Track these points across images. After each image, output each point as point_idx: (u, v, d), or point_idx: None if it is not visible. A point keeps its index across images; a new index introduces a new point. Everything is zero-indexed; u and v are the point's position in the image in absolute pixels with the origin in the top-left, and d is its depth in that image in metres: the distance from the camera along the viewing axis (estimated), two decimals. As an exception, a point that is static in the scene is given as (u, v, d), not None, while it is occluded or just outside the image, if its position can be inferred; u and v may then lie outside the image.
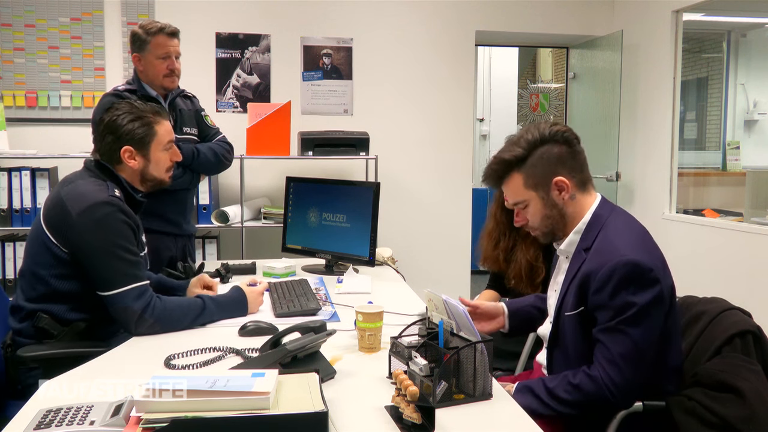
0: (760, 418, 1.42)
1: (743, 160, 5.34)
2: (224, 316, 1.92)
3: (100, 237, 1.75)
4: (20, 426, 1.12)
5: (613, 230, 1.53)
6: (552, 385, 1.49)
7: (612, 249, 1.48)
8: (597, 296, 1.46)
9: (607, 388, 1.43)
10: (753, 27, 5.86)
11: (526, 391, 1.52)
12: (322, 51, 4.09)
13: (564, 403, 1.47)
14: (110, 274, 1.75)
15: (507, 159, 1.58)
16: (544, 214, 1.59)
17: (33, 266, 1.84)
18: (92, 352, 1.63)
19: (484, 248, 2.43)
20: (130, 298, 1.74)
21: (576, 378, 1.47)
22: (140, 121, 1.90)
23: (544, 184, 1.57)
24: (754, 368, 1.51)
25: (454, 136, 4.28)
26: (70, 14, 3.78)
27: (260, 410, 1.09)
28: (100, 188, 1.82)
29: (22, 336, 1.82)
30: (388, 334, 1.59)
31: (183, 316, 1.82)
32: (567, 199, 1.57)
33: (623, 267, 1.43)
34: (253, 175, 3.95)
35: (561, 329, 1.59)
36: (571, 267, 1.58)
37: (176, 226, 2.71)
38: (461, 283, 4.35)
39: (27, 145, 3.64)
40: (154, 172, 1.96)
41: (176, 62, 2.64)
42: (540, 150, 1.55)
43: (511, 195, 1.62)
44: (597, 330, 1.47)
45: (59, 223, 1.79)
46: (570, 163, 1.57)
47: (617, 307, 1.43)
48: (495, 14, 4.29)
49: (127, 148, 1.89)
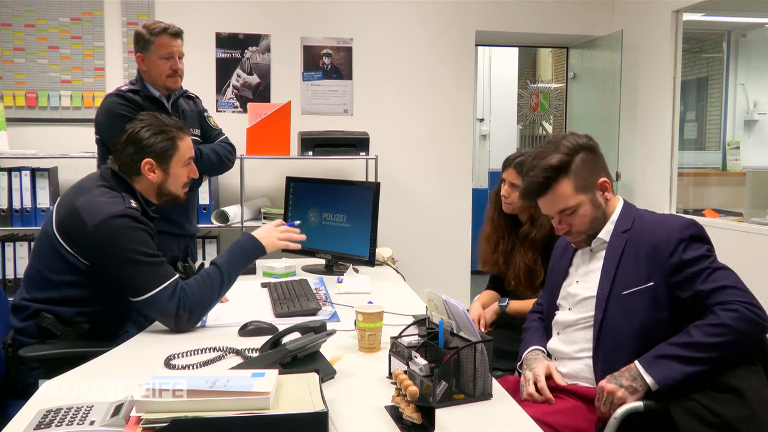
0: (760, 419, 1.42)
1: (743, 160, 5.33)
2: (244, 264, 1.93)
3: (122, 248, 1.75)
4: (20, 426, 1.12)
5: (649, 214, 1.67)
6: (688, 339, 1.44)
7: (666, 219, 1.62)
8: (672, 258, 1.51)
9: (749, 309, 1.43)
10: (753, 27, 5.86)
11: (657, 362, 1.46)
12: (322, 51, 4.09)
13: (714, 347, 1.42)
14: (138, 280, 1.76)
15: (555, 165, 1.59)
16: (593, 216, 1.64)
17: (43, 270, 1.83)
18: (93, 352, 1.63)
19: (483, 251, 2.43)
20: (162, 300, 1.75)
21: (711, 320, 1.44)
22: (164, 135, 1.90)
23: (591, 186, 1.63)
24: (754, 368, 1.51)
25: (454, 136, 4.29)
26: (70, 14, 3.78)
27: (260, 410, 1.09)
28: (116, 200, 1.82)
29: (25, 335, 1.82)
30: (388, 334, 1.59)
31: (210, 292, 1.82)
32: (608, 199, 1.66)
33: (689, 227, 1.55)
34: (253, 175, 3.95)
35: (612, 312, 1.58)
36: (612, 249, 1.62)
37: (178, 226, 2.71)
38: (461, 283, 4.35)
39: (27, 145, 3.65)
40: (172, 187, 1.95)
41: (179, 62, 2.64)
42: (580, 155, 1.62)
43: (559, 202, 1.62)
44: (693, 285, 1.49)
45: (75, 233, 1.78)
46: (603, 167, 1.67)
47: (700, 256, 1.51)
48: (495, 14, 4.29)
49: (148, 161, 1.88)
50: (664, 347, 1.48)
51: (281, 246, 1.98)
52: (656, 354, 1.47)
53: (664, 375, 1.44)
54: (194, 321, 1.80)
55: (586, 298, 1.65)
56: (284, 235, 2.00)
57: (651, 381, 1.45)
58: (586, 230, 1.65)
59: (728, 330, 1.42)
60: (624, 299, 1.56)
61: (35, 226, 3.33)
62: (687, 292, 1.50)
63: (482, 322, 2.32)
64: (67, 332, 1.81)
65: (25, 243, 3.38)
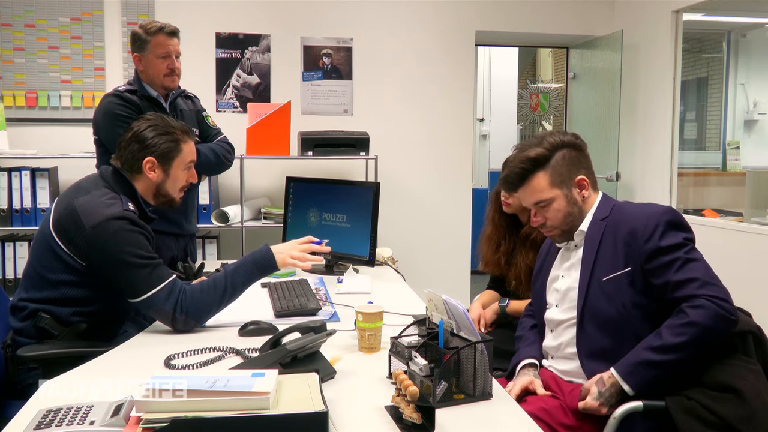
0: (759, 418, 1.42)
1: (743, 160, 5.33)
2: (253, 278, 1.88)
3: (118, 250, 1.76)
4: (20, 426, 1.12)
5: (627, 202, 1.70)
6: (658, 342, 1.47)
7: (645, 207, 1.64)
8: (648, 244, 1.54)
9: (718, 305, 1.45)
10: (753, 27, 5.86)
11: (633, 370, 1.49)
12: (322, 51, 4.09)
13: (682, 347, 1.45)
14: (135, 282, 1.76)
15: (533, 157, 1.64)
16: (567, 211, 1.66)
17: (40, 270, 1.84)
18: (92, 352, 1.64)
19: (484, 252, 2.43)
20: (159, 301, 1.76)
21: (680, 319, 1.46)
22: (168, 136, 1.92)
23: (568, 182, 1.65)
24: (753, 368, 1.51)
25: (454, 136, 4.28)
26: (70, 14, 3.77)
27: (260, 410, 1.09)
28: (114, 202, 1.82)
29: (23, 335, 1.82)
30: (388, 334, 1.59)
31: (211, 299, 1.81)
32: (585, 197, 1.68)
33: (666, 213, 1.57)
34: (253, 175, 3.95)
35: (593, 298, 1.60)
36: (590, 238, 1.65)
37: (177, 226, 2.71)
38: (461, 283, 4.35)
39: (27, 145, 3.64)
40: (170, 188, 1.96)
41: (176, 61, 2.64)
42: (561, 152, 1.65)
43: (533, 194, 1.66)
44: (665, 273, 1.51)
45: (72, 233, 1.79)
46: (585, 165, 1.70)
47: (676, 244, 1.53)
48: (495, 14, 4.29)
49: (150, 159, 1.89)
50: (638, 352, 1.50)
51: (291, 264, 1.92)
52: (631, 361, 1.50)
53: (639, 382, 1.48)
54: (193, 323, 1.80)
55: (569, 290, 1.67)
56: (299, 254, 1.93)
57: (628, 389, 1.49)
58: (559, 225, 1.68)
59: (697, 328, 1.45)
60: (604, 285, 1.59)
61: (35, 226, 3.33)
62: (658, 279, 1.53)
63: (482, 322, 2.32)
64: (64, 332, 1.81)
65: (25, 243, 3.38)
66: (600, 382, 1.51)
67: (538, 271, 1.86)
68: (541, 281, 1.82)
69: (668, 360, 1.46)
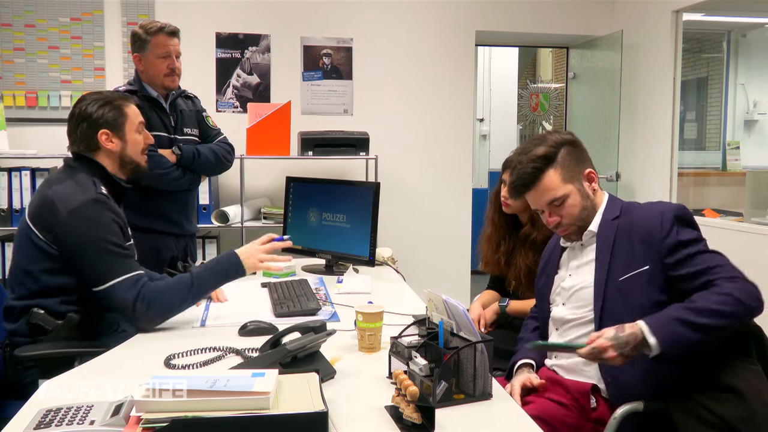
0: (759, 418, 1.42)
1: (743, 160, 5.33)
2: (218, 282, 1.90)
3: (90, 234, 1.77)
4: (20, 426, 1.12)
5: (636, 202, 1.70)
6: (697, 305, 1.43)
7: (655, 204, 1.63)
8: (667, 239, 1.53)
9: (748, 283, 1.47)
10: (753, 27, 5.86)
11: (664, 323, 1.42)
12: (322, 51, 4.09)
13: (719, 313, 1.41)
14: (102, 268, 1.77)
15: (542, 155, 1.63)
16: (582, 206, 1.66)
17: (22, 263, 1.85)
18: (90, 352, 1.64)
19: (484, 253, 2.43)
20: (122, 290, 1.76)
21: (717, 288, 1.45)
22: (110, 105, 1.94)
23: (578, 176, 1.66)
24: (753, 368, 1.51)
25: (454, 136, 4.28)
26: (70, 14, 3.78)
27: (260, 410, 1.09)
28: (88, 186, 1.84)
29: (18, 336, 1.83)
30: (388, 334, 1.59)
31: (175, 295, 1.81)
32: (596, 190, 1.69)
33: (677, 210, 1.58)
34: (253, 175, 3.95)
35: (611, 299, 1.58)
36: (602, 238, 1.64)
37: (178, 226, 2.71)
38: (461, 283, 4.35)
39: (27, 145, 3.64)
40: (132, 153, 1.98)
41: (176, 61, 2.65)
42: (564, 148, 1.65)
43: (546, 193, 1.64)
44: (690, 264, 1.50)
45: (48, 221, 1.80)
46: (587, 160, 1.71)
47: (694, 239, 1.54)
48: (495, 14, 4.29)
49: (103, 131, 1.91)
50: (670, 311, 1.44)
51: (263, 269, 1.93)
52: (663, 317, 1.43)
53: (667, 338, 1.40)
54: (152, 317, 1.79)
55: (580, 290, 1.66)
56: (268, 256, 1.93)
57: (654, 341, 1.40)
58: (575, 221, 1.66)
59: (733, 300, 1.43)
60: (622, 285, 1.57)
61: (35, 226, 3.32)
62: (685, 268, 1.51)
63: (482, 322, 2.32)
64: (58, 327, 1.81)
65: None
66: (619, 328, 1.43)
67: (541, 270, 1.86)
68: (544, 281, 1.81)
69: (705, 324, 1.40)
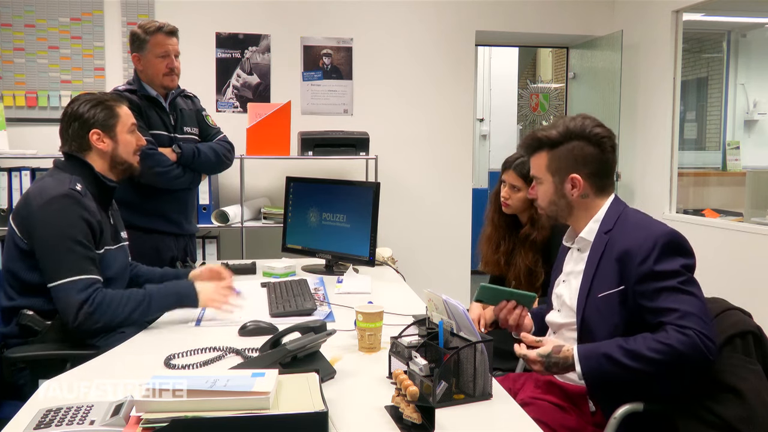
0: (759, 418, 1.42)
1: (743, 160, 5.33)
2: (170, 305, 1.89)
3: (54, 228, 1.77)
4: (20, 426, 1.12)
5: (634, 214, 1.63)
6: (631, 346, 1.42)
7: (647, 225, 1.56)
8: (642, 266, 1.48)
9: (700, 339, 1.38)
10: (753, 27, 5.86)
11: (593, 356, 1.45)
12: (322, 51, 4.09)
13: (651, 362, 1.40)
14: (57, 264, 1.76)
15: (539, 138, 1.66)
16: (552, 199, 1.66)
17: (8, 263, 1.86)
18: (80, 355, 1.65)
19: (484, 253, 2.43)
20: (74, 290, 1.74)
21: (661, 336, 1.41)
22: (101, 105, 1.95)
23: (562, 174, 1.63)
24: (753, 368, 1.51)
25: (454, 136, 4.28)
26: (70, 14, 3.78)
27: (260, 410, 1.09)
28: (62, 182, 1.84)
29: (10, 337, 1.83)
30: (388, 334, 1.59)
31: (123, 306, 1.78)
32: (576, 196, 1.63)
33: (666, 236, 1.50)
34: (253, 175, 3.95)
35: (589, 314, 1.57)
36: (594, 251, 1.61)
37: (177, 225, 2.71)
38: (461, 283, 4.35)
39: (27, 145, 3.64)
40: (123, 154, 1.98)
41: (176, 61, 2.64)
42: (573, 143, 1.61)
43: (533, 168, 1.70)
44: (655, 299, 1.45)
45: (23, 217, 1.82)
46: (595, 166, 1.62)
47: (671, 271, 1.46)
48: (495, 14, 4.29)
49: (94, 131, 1.92)
50: (608, 344, 1.46)
51: (213, 307, 1.93)
52: (597, 349, 1.47)
53: (591, 370, 1.44)
54: (93, 324, 1.75)
55: (567, 297, 1.67)
56: (222, 300, 1.94)
57: (578, 371, 1.45)
58: (544, 207, 1.70)
59: (673, 352, 1.39)
60: (599, 302, 1.56)
61: (35, 226, 3.33)
62: (647, 302, 1.47)
63: (482, 322, 2.32)
64: (47, 327, 1.80)
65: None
66: (557, 348, 1.48)
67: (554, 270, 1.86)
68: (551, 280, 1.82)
69: (631, 366, 1.41)
